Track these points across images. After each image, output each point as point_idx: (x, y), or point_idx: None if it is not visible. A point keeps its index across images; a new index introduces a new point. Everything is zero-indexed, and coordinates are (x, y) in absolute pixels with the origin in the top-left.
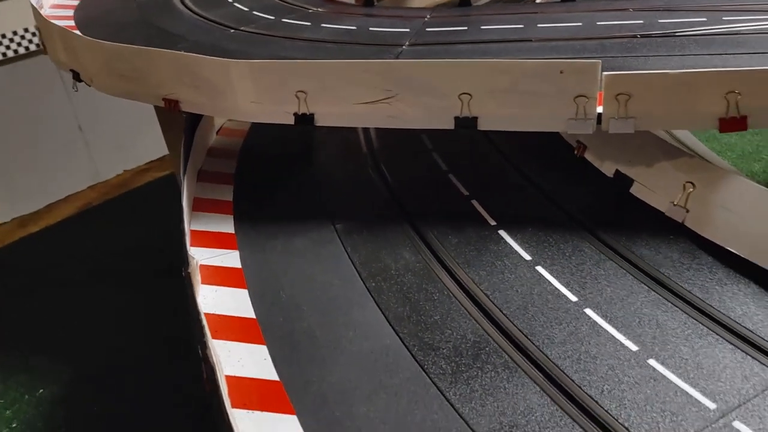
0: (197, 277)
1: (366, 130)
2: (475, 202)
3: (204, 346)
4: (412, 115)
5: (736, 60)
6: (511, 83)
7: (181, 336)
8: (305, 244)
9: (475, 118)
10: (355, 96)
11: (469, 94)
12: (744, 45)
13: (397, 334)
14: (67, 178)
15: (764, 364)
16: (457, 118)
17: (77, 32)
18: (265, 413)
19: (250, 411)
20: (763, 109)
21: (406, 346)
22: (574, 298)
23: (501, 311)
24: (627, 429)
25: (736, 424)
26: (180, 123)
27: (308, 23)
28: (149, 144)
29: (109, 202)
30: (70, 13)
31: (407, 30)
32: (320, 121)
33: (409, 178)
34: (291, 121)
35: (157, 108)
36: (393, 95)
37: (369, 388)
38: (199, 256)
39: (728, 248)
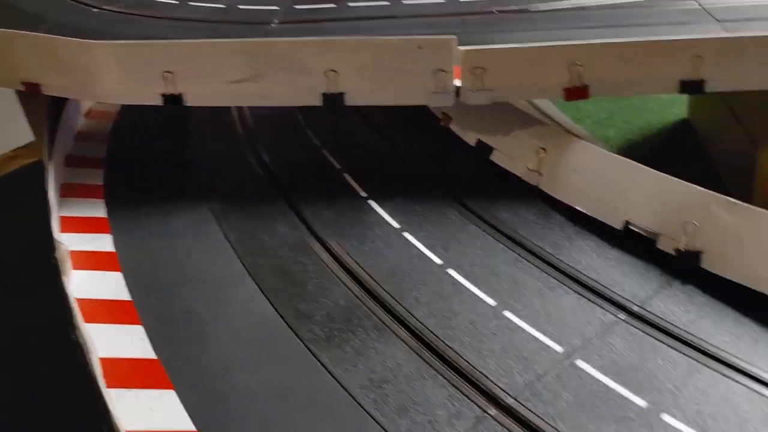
0: (67, 263)
1: (240, 109)
2: (347, 175)
3: (75, 330)
4: (281, 93)
5: (580, 34)
6: (374, 60)
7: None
8: (181, 224)
9: (341, 94)
10: (223, 75)
11: (336, 71)
12: (588, 19)
13: (274, 307)
14: None
15: (604, 308)
16: (324, 95)
17: None
18: (142, 390)
19: (127, 389)
20: (602, 79)
21: (282, 317)
22: (439, 261)
23: (371, 277)
24: (485, 375)
25: (578, 362)
26: (45, 106)
27: (176, 2)
28: (14, 130)
29: None
30: None
31: (276, 8)
32: (189, 101)
33: (283, 155)
34: (159, 102)
35: (19, 91)
36: (261, 74)
37: (248, 360)
38: (71, 241)
39: (577, 207)
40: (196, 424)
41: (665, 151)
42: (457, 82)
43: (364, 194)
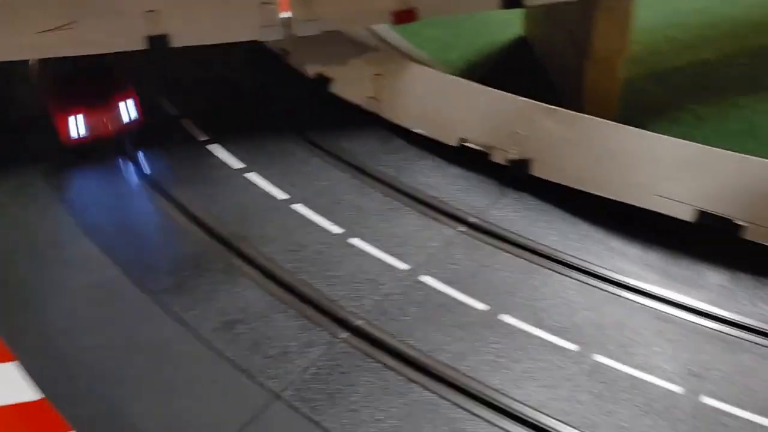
0: None
1: (64, 60)
2: (185, 121)
3: None
4: (99, 40)
5: None
6: None
7: None
8: (7, 189)
9: (167, 36)
10: (31, 25)
11: (156, 10)
12: None
13: (118, 264)
14: None
15: (445, 224)
16: (148, 38)
17: None
18: None
19: None
20: (425, 0)
21: (127, 272)
22: (285, 197)
23: (217, 221)
24: (334, 302)
25: (422, 277)
26: None
27: None
28: None
29: None
30: None
31: None
32: None
33: None
34: None
35: None
36: (74, 20)
37: (93, 320)
38: None
39: (415, 130)
40: (44, 392)
41: (506, 68)
42: (288, 15)
43: (204, 138)
